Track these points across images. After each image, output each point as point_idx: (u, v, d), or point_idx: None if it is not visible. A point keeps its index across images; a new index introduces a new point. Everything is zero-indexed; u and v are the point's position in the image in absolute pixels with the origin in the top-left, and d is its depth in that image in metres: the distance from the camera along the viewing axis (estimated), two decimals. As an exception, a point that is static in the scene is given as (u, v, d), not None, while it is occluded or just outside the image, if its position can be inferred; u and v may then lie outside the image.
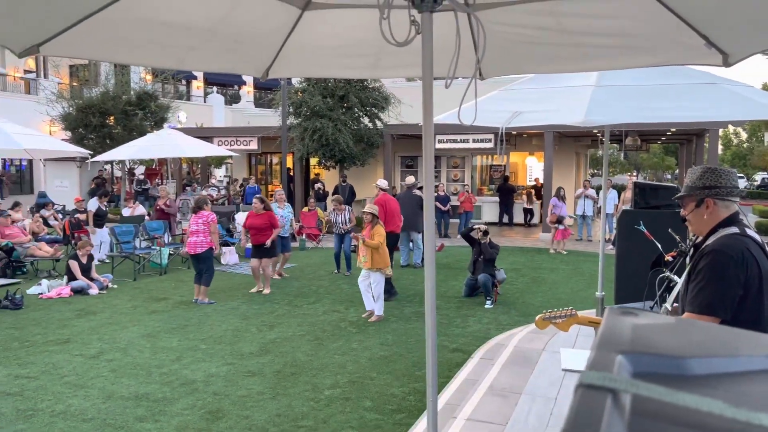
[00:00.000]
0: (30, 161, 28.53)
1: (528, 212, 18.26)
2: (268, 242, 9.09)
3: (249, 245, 9.70)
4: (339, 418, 4.69)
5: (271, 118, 20.95)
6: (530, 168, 20.22)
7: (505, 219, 18.22)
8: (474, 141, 16.80)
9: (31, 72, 30.96)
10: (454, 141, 17.11)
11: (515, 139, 18.20)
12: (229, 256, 11.91)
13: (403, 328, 7.27)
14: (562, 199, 13.66)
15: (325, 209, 16.25)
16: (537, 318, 3.13)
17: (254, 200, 9.45)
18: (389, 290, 8.53)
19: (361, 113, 17.00)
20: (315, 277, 10.32)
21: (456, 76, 2.74)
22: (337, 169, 17.34)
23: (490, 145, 16.76)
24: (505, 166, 19.78)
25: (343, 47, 3.06)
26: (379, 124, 17.19)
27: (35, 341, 6.71)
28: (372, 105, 16.85)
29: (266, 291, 9.11)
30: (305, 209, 14.64)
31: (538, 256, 12.73)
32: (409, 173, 20.04)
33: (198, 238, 8.43)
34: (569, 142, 19.00)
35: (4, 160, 27.08)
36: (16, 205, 12.88)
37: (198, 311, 8.07)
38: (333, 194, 15.76)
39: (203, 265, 8.46)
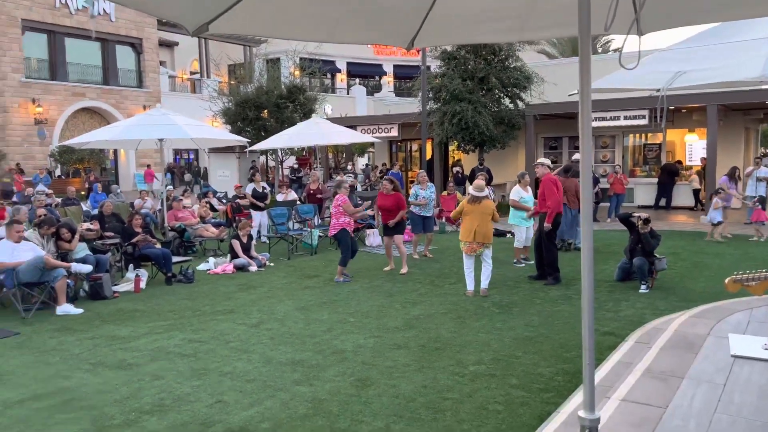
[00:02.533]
0: (197, 155, 31.53)
1: (697, 194, 16.70)
2: (392, 223, 9.29)
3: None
4: (484, 393, 4.66)
5: (410, 106, 21.23)
6: (690, 146, 18.50)
7: (662, 202, 16.86)
8: (625, 118, 15.71)
9: (195, 73, 34.11)
10: (603, 119, 16.11)
11: (672, 114, 16.74)
12: (373, 237, 12.28)
13: (549, 311, 7.04)
14: (736, 180, 12.29)
15: (464, 193, 16.16)
16: (727, 280, 2.87)
17: (384, 181, 9.68)
18: (556, 276, 8.33)
19: (502, 94, 16.62)
20: (455, 258, 10.30)
21: (612, 33, 2.58)
22: (477, 153, 17.15)
23: (644, 121, 15.58)
24: (661, 144, 18.29)
25: (488, 11, 2.99)
26: (520, 104, 16.70)
27: (205, 311, 7.43)
28: (513, 85, 16.40)
29: (403, 270, 9.26)
30: (444, 193, 14.66)
31: (699, 240, 11.66)
32: (552, 155, 19.29)
33: (336, 220, 8.81)
34: (737, 116, 17.11)
35: (176, 153, 30.15)
36: (185, 192, 14.32)
37: (345, 288, 8.44)
38: (470, 178, 15.64)
39: (339, 244, 8.86)
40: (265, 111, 20.37)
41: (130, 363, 5.54)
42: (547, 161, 9.08)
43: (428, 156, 19.83)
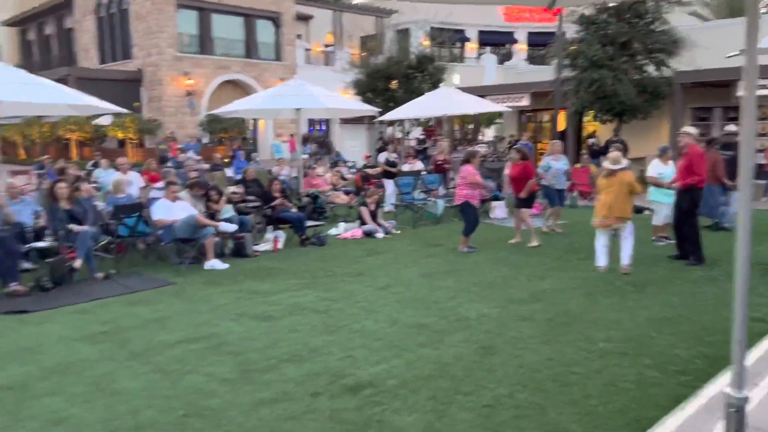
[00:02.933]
0: (328, 126, 32.69)
1: None
2: (523, 194, 9.06)
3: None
4: (614, 371, 4.50)
5: (542, 74, 20.39)
6: None
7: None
8: (790, 85, 13.96)
9: (329, 45, 35.10)
10: (765, 87, 14.45)
11: None
12: (498, 210, 12.11)
13: (690, 291, 6.58)
14: None
15: (599, 166, 15.36)
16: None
17: (512, 150, 9.49)
18: (698, 256, 7.78)
19: (646, 60, 15.44)
20: (586, 233, 9.84)
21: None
22: (614, 124, 16.17)
23: (814, 89, 13.76)
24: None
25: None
26: (666, 71, 15.43)
27: (335, 272, 7.80)
28: (659, 50, 15.16)
29: (533, 243, 9.06)
30: (577, 165, 14.04)
31: None
32: (701, 127, 17.65)
33: (459, 190, 8.77)
34: None
35: (310, 123, 31.43)
36: (318, 161, 14.96)
37: (469, 258, 8.44)
38: (604, 151, 14.79)
39: (463, 216, 8.81)
40: (395, 81, 20.59)
41: (269, 315, 5.98)
42: (694, 130, 8.29)
43: (560, 127, 19.03)
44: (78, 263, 7.22)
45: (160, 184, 10.50)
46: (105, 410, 3.98)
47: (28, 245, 7.17)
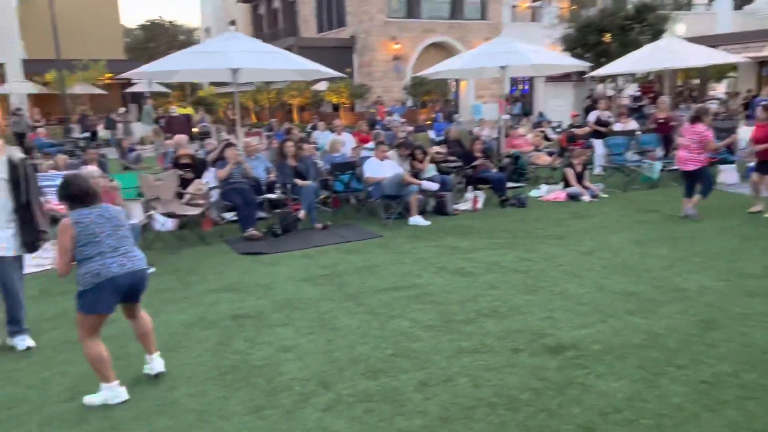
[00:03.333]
0: (531, 86, 31.61)
1: None
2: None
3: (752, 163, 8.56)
4: None
5: (795, 17, 17.32)
6: None
7: None
8: None
9: (537, 1, 33.62)
10: None
11: None
12: (727, 174, 10.76)
13: None
14: None
15: None
16: None
17: (757, 109, 8.21)
18: None
19: None
20: None
21: None
22: None
23: None
24: None
25: None
26: None
27: (536, 234, 7.66)
28: None
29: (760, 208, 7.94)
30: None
31: None
32: None
33: (689, 153, 7.82)
34: None
35: (512, 83, 30.70)
36: (519, 121, 14.61)
37: (690, 226, 7.67)
38: None
39: (697, 182, 7.88)
40: (608, 35, 19.10)
41: (468, 271, 6.12)
42: None
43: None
44: (302, 214, 8.09)
45: (370, 144, 11.17)
46: (326, 343, 4.47)
47: (261, 197, 8.18)
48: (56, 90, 23.43)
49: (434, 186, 8.81)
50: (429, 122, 21.73)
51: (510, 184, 9.86)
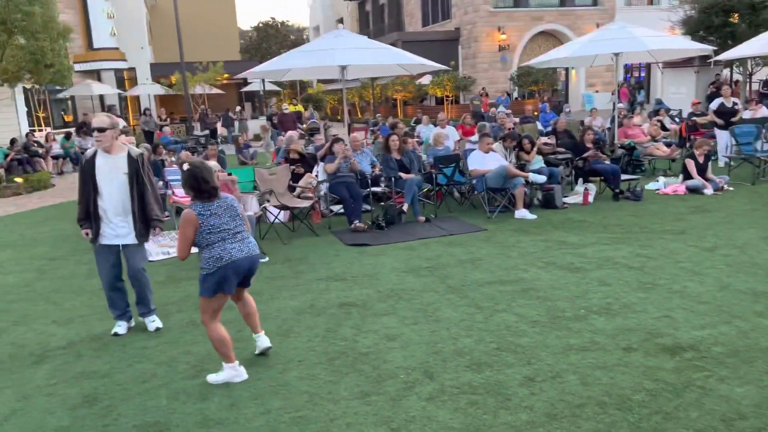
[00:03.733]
0: (648, 72, 29.81)
1: None
2: None
3: None
4: None
5: None
6: None
7: None
8: None
9: (654, -18, 31.59)
10: None
11: None
12: None
13: None
14: None
15: None
16: None
17: None
18: None
19: None
20: None
21: None
22: None
23: None
24: None
25: None
26: None
27: (653, 229, 7.25)
28: None
29: None
30: None
31: None
32: None
33: None
34: None
35: (626, 71, 29.13)
36: (635, 109, 13.83)
37: (832, 222, 6.95)
38: None
39: None
40: (736, 14, 17.58)
41: (577, 267, 5.92)
42: None
43: None
44: (405, 207, 8.18)
45: (474, 137, 11.06)
46: (429, 334, 4.51)
47: (367, 190, 8.37)
48: (179, 91, 25.26)
49: (541, 178, 8.58)
50: (536, 113, 21.16)
51: (624, 176, 9.39)
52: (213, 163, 7.01)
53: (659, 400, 3.39)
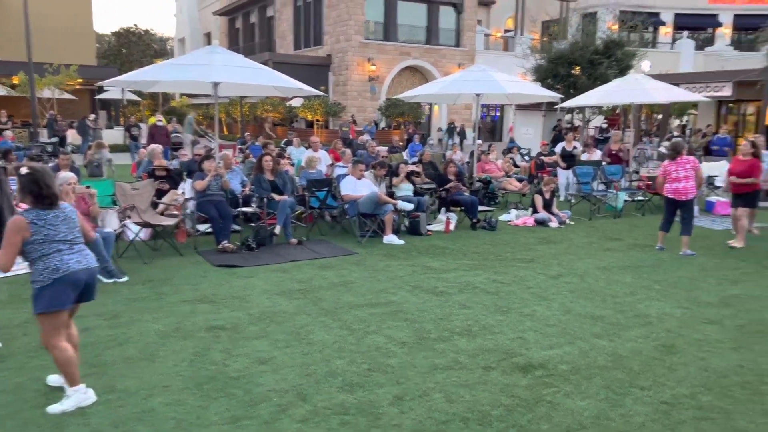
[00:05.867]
0: (502, 113, 32.32)
1: None
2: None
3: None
4: (818, 389, 4.10)
5: (751, 61, 18.24)
6: None
7: None
8: None
9: (509, 31, 34.55)
10: None
11: None
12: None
13: None
14: None
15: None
16: None
17: (745, 142, 8.70)
18: None
19: None
20: (795, 240, 8.84)
21: None
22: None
23: None
24: None
25: None
26: None
27: (506, 257, 7.88)
28: None
29: (737, 244, 8.33)
30: (788, 164, 12.44)
31: None
32: None
33: (687, 184, 7.92)
34: None
35: (483, 109, 31.31)
36: (489, 147, 14.96)
37: (652, 255, 8.00)
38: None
39: (687, 213, 8.06)
40: (578, 67, 19.77)
41: (441, 291, 6.27)
42: None
43: (768, 121, 16.95)
44: (278, 229, 8.15)
45: (342, 163, 11.29)
46: (302, 356, 4.54)
47: (237, 209, 8.22)
48: (23, 93, 23.00)
49: (409, 206, 8.98)
50: (402, 143, 22.02)
51: (481, 208, 10.10)
52: (68, 174, 6.50)
53: (514, 414, 3.71)
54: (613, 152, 13.00)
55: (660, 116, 24.77)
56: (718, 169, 12.84)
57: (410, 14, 29.48)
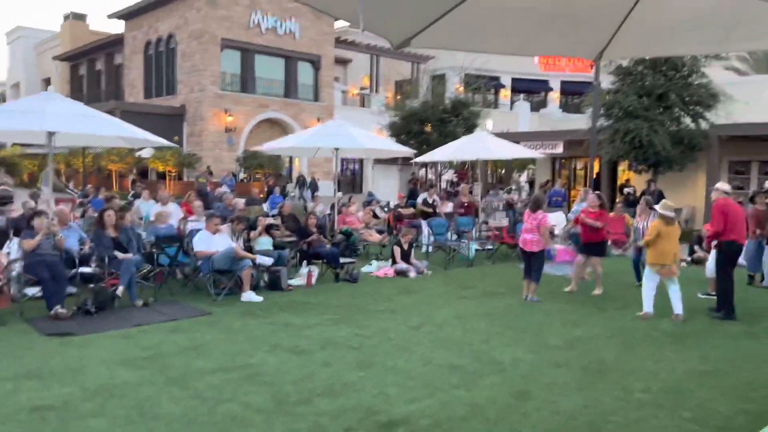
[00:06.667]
0: (361, 166, 33.17)
1: None
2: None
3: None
4: (653, 423, 4.44)
5: (577, 122, 20.50)
6: None
7: None
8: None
9: (365, 88, 35.92)
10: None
11: None
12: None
13: (730, 346, 6.45)
14: None
15: (634, 215, 15.23)
16: None
17: (591, 196, 9.55)
18: (727, 310, 7.61)
19: (683, 113, 15.47)
20: (621, 284, 9.77)
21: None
22: (650, 174, 16.10)
23: None
24: None
25: (688, 21, 2.92)
26: (704, 124, 15.41)
27: (368, 309, 7.86)
28: (696, 103, 15.19)
29: (597, 291, 9.04)
30: (611, 214, 13.94)
31: None
32: (738, 180, 17.52)
33: (533, 236, 8.43)
34: None
35: (343, 162, 31.90)
36: (349, 200, 15.17)
37: (503, 302, 8.42)
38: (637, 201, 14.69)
39: (536, 263, 8.53)
40: (429, 125, 20.94)
41: (302, 349, 6.05)
42: (725, 186, 8.22)
43: (594, 175, 19.00)
44: (121, 290, 7.44)
45: (195, 216, 10.75)
46: (146, 433, 4.07)
47: (73, 270, 7.42)
48: None
49: (269, 260, 8.71)
50: (261, 195, 21.64)
51: (342, 260, 10.07)
52: None
53: (379, 477, 3.57)
54: (465, 204, 13.76)
55: (503, 170, 26.86)
56: (555, 219, 14.04)
57: (268, 68, 29.58)
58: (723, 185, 8.23)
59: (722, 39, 2.95)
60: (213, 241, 8.27)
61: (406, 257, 10.51)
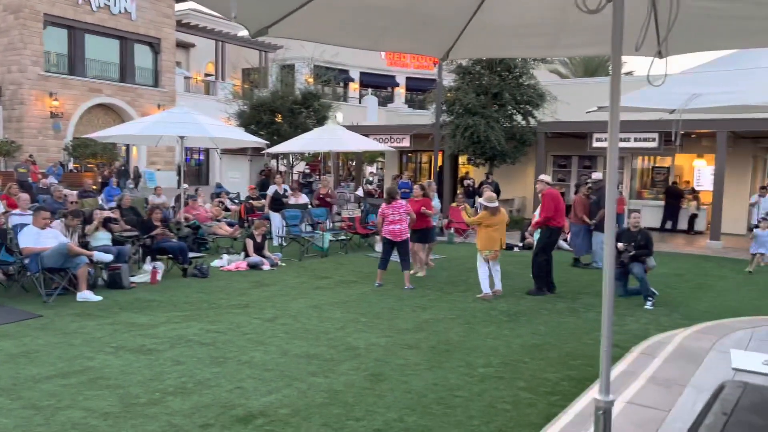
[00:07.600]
0: (207, 156, 31.86)
1: (693, 218, 16.98)
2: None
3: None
4: (493, 394, 4.85)
5: (422, 117, 21.51)
6: (698, 172, 18.71)
7: (668, 225, 17.10)
8: (635, 140, 15.92)
9: (210, 75, 34.50)
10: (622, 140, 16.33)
11: (682, 139, 16.95)
12: (379, 244, 12.50)
13: (556, 321, 7.23)
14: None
15: (473, 206, 16.36)
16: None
17: (415, 187, 9.99)
18: (544, 286, 8.55)
19: (515, 111, 16.88)
20: (464, 269, 10.51)
21: (640, 55, 2.78)
22: (487, 167, 17.38)
23: (654, 144, 15.79)
24: (669, 168, 18.51)
25: (523, 26, 3.22)
26: (532, 121, 16.96)
27: (220, 304, 7.64)
28: (526, 102, 16.67)
29: (420, 273, 9.59)
30: (454, 204, 14.87)
31: (704, 263, 11.84)
32: (561, 173, 19.56)
33: (402, 226, 8.82)
34: (746, 143, 17.31)
35: (187, 151, 30.42)
36: (196, 191, 14.57)
37: (356, 290, 8.64)
38: (478, 191, 15.85)
39: (404, 251, 8.89)
40: (280, 115, 20.68)
41: (150, 348, 5.74)
42: (547, 177, 9.26)
43: (440, 167, 20.08)
44: (-74, 294, 6.49)
45: (19, 210, 9.70)
46: (-32, 452, 3.63)
47: None
48: None
49: (107, 257, 8.10)
50: (95, 187, 19.96)
51: (191, 254, 9.66)
52: None
53: (239, 470, 3.52)
54: (321, 196, 13.84)
55: (354, 162, 27.36)
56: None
57: (100, 49, 27.21)
58: (545, 177, 9.22)
59: (551, 44, 3.31)
60: (41, 237, 7.51)
61: (259, 250, 10.34)
